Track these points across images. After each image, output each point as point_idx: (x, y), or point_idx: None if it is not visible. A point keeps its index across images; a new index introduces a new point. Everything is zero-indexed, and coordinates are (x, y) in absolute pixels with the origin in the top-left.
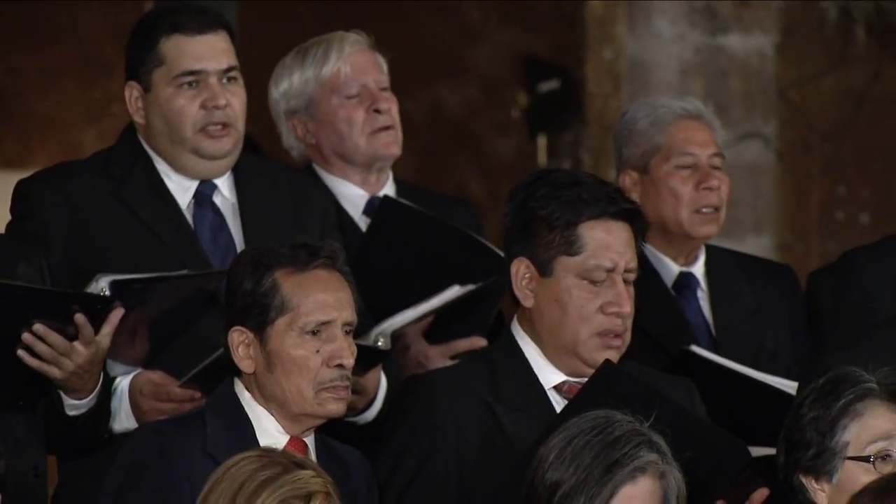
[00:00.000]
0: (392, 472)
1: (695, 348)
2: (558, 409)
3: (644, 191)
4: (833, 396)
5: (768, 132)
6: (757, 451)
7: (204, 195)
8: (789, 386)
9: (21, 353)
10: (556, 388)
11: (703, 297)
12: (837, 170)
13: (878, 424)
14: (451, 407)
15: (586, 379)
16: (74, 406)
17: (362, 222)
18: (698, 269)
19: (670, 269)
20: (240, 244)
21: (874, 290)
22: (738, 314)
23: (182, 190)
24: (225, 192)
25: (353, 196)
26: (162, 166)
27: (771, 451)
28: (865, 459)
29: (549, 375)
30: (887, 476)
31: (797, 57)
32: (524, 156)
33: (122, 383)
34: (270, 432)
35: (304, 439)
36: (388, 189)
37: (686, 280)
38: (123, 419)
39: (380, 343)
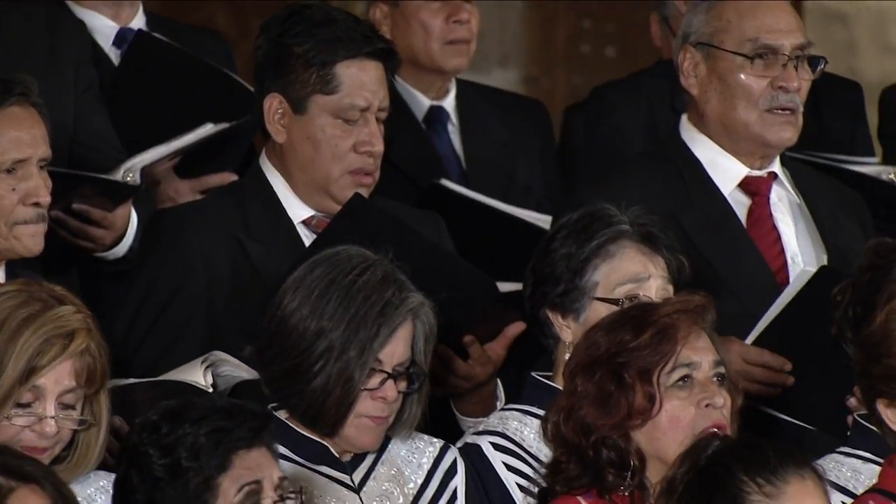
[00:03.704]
0: (141, 305)
1: (445, 182)
2: (307, 242)
3: (394, 24)
4: (586, 235)
5: None
6: (506, 287)
7: None
8: (539, 219)
9: None
10: (305, 222)
11: (453, 130)
12: (583, 3)
13: (628, 266)
14: (199, 241)
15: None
16: None
17: (113, 54)
18: (449, 102)
19: (420, 102)
20: None
21: (625, 126)
22: (489, 147)
23: None
24: None
25: (103, 28)
26: None
27: (520, 286)
28: (614, 302)
29: (298, 210)
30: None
31: None
32: None
33: None
34: None
35: None
36: (139, 21)
37: (436, 113)
38: None
39: (128, 178)
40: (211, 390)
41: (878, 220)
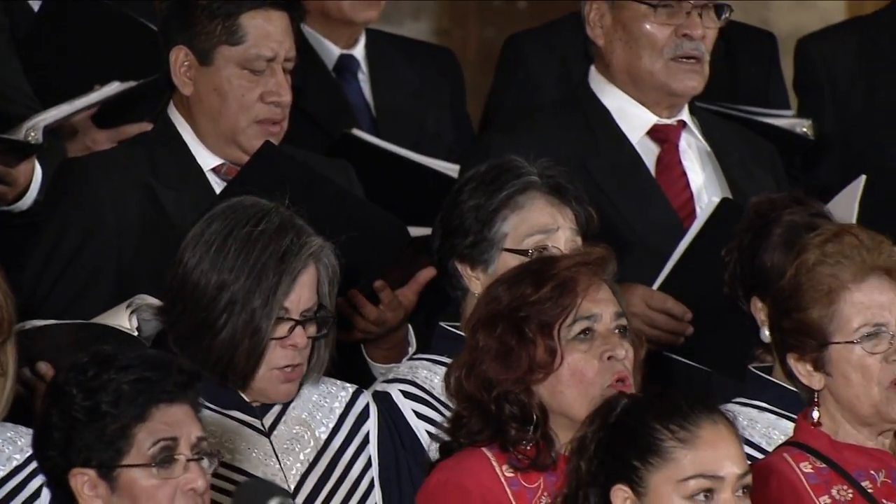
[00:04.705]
0: (49, 254)
1: (356, 131)
2: (217, 189)
3: None
4: (495, 186)
5: None
6: (417, 232)
7: None
8: (450, 169)
9: None
10: (215, 170)
11: (363, 79)
12: None
13: (537, 217)
14: (107, 189)
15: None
16: None
17: (35, 5)
18: (359, 51)
19: (330, 51)
20: None
21: (538, 74)
22: (399, 96)
23: None
24: None
25: None
26: None
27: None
28: (523, 253)
29: (207, 159)
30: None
31: None
32: None
33: None
34: None
35: None
36: None
37: (347, 62)
38: None
39: (30, 137)
40: (136, 334)
41: (793, 171)
